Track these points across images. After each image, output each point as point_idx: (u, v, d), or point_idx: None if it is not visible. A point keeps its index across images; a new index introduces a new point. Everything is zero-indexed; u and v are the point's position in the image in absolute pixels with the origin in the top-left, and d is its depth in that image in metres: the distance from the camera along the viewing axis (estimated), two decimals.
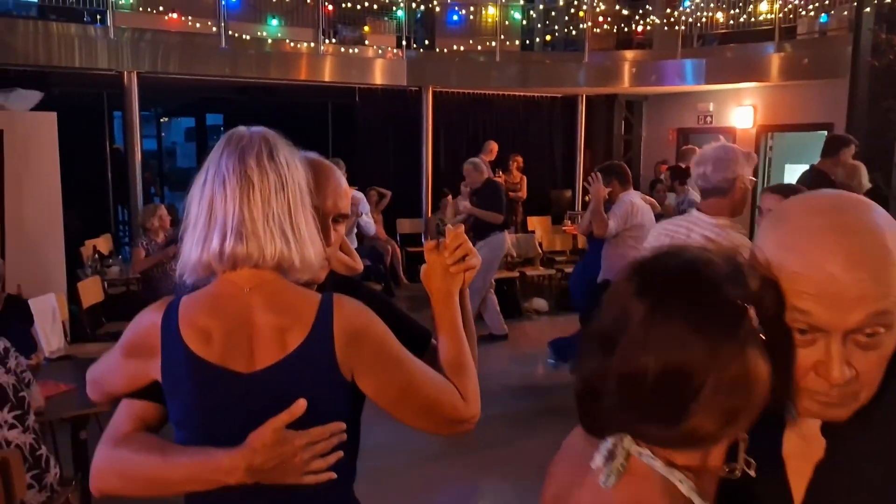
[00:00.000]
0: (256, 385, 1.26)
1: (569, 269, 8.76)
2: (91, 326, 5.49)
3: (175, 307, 1.30)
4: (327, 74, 9.29)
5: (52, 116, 5.61)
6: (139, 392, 1.34)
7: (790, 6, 8.96)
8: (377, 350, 1.32)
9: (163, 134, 16.76)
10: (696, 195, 6.69)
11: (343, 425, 1.28)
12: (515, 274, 8.20)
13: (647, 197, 6.09)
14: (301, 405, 1.22)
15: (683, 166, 8.75)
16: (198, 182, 1.31)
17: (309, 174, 1.36)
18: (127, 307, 6.11)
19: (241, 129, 1.34)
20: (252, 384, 1.26)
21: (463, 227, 1.48)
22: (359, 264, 1.58)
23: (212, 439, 1.26)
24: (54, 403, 3.21)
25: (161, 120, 16.03)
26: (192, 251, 1.28)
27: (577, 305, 6.25)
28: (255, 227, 1.25)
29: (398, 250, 9.06)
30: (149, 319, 1.32)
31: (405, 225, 9.78)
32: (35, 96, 5.60)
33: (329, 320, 1.28)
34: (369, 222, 5.92)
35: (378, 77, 9.69)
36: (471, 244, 1.45)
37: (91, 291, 5.59)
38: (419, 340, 1.47)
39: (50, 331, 4.65)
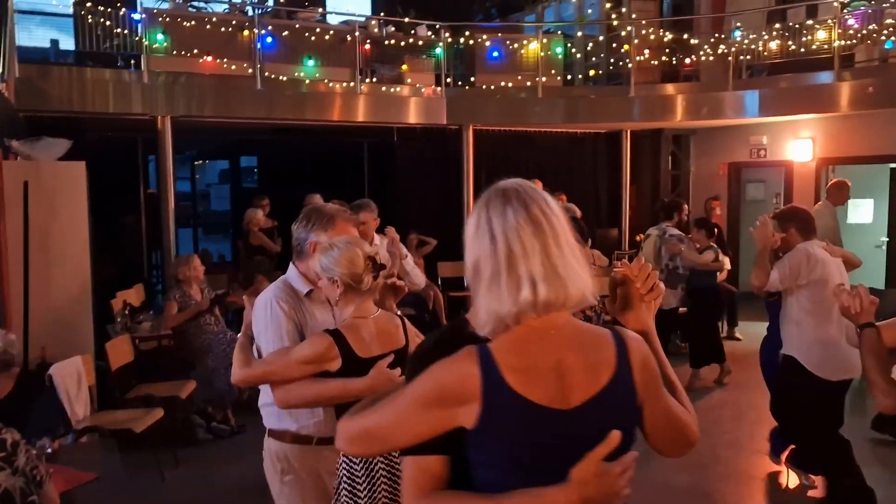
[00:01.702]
0: (575, 420, 1.34)
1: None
2: (121, 390, 5.12)
3: (488, 355, 1.33)
4: (365, 114, 9.02)
5: (81, 166, 5.31)
6: (425, 445, 1.35)
7: (864, 33, 8.46)
8: (656, 378, 1.43)
9: (197, 176, 16.65)
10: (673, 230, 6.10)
11: (636, 454, 1.37)
12: None
13: (834, 248, 4.70)
14: (616, 437, 1.29)
15: (667, 201, 8.14)
16: (480, 239, 1.36)
17: None
18: (159, 366, 5.75)
19: (507, 183, 1.40)
20: (571, 420, 1.33)
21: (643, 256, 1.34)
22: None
23: (536, 475, 1.32)
24: (74, 499, 2.81)
25: (195, 163, 15.93)
26: (499, 305, 1.33)
27: (767, 381, 5.04)
28: (557, 271, 1.33)
29: (440, 295, 8.63)
30: (464, 370, 1.33)
31: (447, 268, 9.34)
32: (63, 145, 5.30)
33: (626, 354, 1.39)
34: (415, 269, 5.37)
35: (416, 116, 9.41)
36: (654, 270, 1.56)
37: (120, 351, 5.22)
38: None
39: (75, 398, 4.28)
